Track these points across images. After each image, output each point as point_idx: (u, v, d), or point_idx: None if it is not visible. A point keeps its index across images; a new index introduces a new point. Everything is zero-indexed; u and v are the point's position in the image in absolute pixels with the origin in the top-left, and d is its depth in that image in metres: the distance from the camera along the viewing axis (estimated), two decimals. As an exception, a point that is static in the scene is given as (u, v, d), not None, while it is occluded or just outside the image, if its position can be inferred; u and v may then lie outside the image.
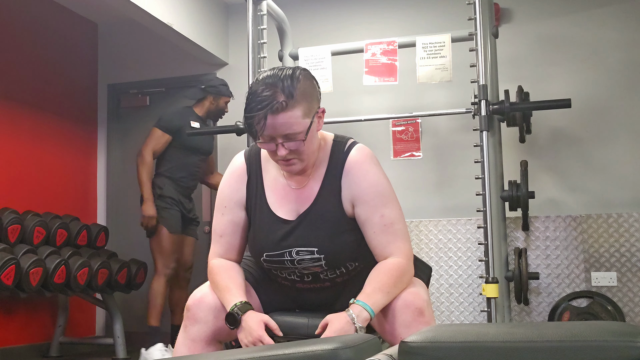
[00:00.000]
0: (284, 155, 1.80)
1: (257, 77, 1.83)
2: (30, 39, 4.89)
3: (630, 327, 1.26)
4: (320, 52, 4.06)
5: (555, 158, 4.44)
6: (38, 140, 4.88)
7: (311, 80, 1.85)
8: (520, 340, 1.18)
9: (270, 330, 1.80)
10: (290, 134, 1.77)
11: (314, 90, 1.85)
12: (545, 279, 4.26)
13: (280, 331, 1.81)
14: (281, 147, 1.79)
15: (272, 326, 1.81)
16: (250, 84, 1.84)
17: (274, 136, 1.77)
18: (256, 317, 1.81)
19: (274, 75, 1.79)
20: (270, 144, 1.80)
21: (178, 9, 4.60)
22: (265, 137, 1.78)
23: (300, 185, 1.93)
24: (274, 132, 1.76)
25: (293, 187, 1.93)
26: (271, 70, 1.83)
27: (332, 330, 1.71)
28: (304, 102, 1.78)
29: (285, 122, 1.75)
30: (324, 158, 1.93)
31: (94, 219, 5.39)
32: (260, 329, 1.78)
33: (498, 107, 3.54)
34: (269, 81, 1.78)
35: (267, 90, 1.76)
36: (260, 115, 1.74)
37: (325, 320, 1.76)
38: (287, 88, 1.76)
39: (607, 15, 4.44)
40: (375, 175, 1.90)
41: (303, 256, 1.89)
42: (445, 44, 3.80)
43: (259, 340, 1.76)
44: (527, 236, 4.32)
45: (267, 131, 1.76)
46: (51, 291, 4.17)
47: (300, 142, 1.79)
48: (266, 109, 1.73)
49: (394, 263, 1.83)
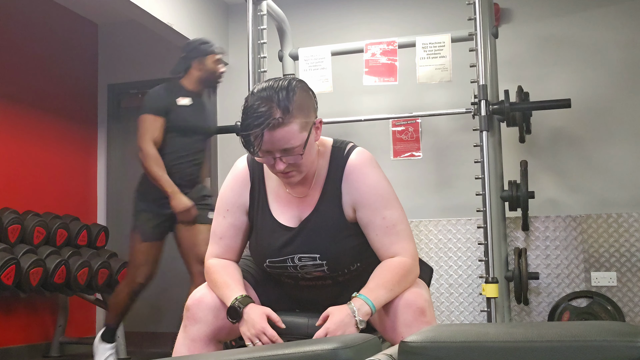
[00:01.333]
0: (282, 169, 1.80)
1: (252, 90, 1.82)
2: (31, 39, 4.89)
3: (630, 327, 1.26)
4: (320, 52, 4.06)
5: (555, 158, 4.44)
6: (38, 140, 4.88)
7: (307, 91, 1.84)
8: (520, 340, 1.18)
9: (272, 322, 1.80)
10: (288, 148, 1.77)
11: (310, 101, 1.84)
12: (545, 279, 4.26)
13: (282, 323, 1.81)
14: (279, 162, 1.79)
15: (274, 318, 1.81)
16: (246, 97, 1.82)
17: (272, 151, 1.78)
18: (258, 310, 1.81)
19: (269, 88, 1.78)
20: (268, 158, 1.80)
21: (178, 9, 4.60)
22: (263, 152, 1.78)
23: (301, 194, 1.94)
24: (271, 147, 1.76)
25: (294, 195, 1.94)
26: (267, 82, 1.81)
27: (332, 322, 1.72)
28: (301, 116, 1.77)
29: (282, 138, 1.74)
30: (324, 164, 1.93)
31: (94, 219, 5.39)
32: (262, 321, 1.78)
33: (498, 107, 3.54)
34: (264, 95, 1.76)
35: (263, 105, 1.74)
36: (257, 131, 1.73)
37: (327, 312, 1.76)
38: (282, 102, 1.74)
39: (607, 15, 4.44)
40: (375, 177, 1.91)
41: (305, 262, 1.90)
42: (445, 44, 3.80)
43: (262, 333, 1.76)
44: (527, 236, 4.32)
45: (264, 146, 1.76)
46: (51, 291, 4.18)
47: (298, 156, 1.79)
48: (263, 125, 1.72)
49: (399, 261, 1.84)
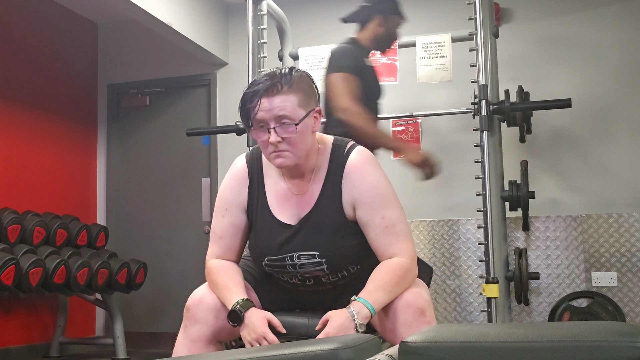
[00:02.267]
0: (275, 141, 1.80)
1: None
2: (30, 39, 4.89)
3: (630, 327, 1.26)
4: (320, 52, 4.06)
5: (555, 158, 4.44)
6: (38, 140, 4.88)
7: (311, 80, 1.90)
8: (520, 341, 1.18)
9: (273, 327, 1.80)
10: (283, 116, 1.79)
11: (312, 89, 1.89)
12: (545, 279, 4.26)
13: (283, 328, 1.81)
14: (273, 133, 1.81)
15: (275, 323, 1.81)
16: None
17: (267, 120, 1.80)
18: (259, 314, 1.81)
19: (274, 70, 1.87)
20: (262, 131, 1.82)
21: (178, 9, 4.60)
22: (258, 120, 1.81)
23: (301, 191, 1.93)
24: (267, 116, 1.79)
25: (294, 191, 1.94)
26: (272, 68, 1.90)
27: (332, 326, 1.71)
28: (300, 94, 1.83)
29: (279, 105, 1.79)
30: (324, 162, 1.93)
31: (94, 219, 5.39)
32: (263, 325, 1.78)
33: (498, 107, 3.54)
34: (269, 72, 1.86)
35: (265, 78, 1.83)
36: (256, 96, 1.80)
37: (326, 316, 1.76)
38: (285, 77, 1.82)
39: (607, 15, 4.44)
40: (375, 177, 1.90)
41: (304, 260, 1.90)
42: (446, 44, 3.79)
43: (263, 337, 1.76)
44: (527, 236, 4.32)
45: (260, 115, 1.80)
46: (51, 291, 4.17)
47: (293, 130, 1.80)
48: (262, 90, 1.80)
49: (397, 262, 1.83)
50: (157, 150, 5.41)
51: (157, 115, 5.47)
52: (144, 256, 4.92)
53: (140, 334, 5.20)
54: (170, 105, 5.43)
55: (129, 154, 5.49)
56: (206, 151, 5.25)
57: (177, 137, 5.27)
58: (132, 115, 5.57)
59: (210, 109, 5.26)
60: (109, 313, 4.60)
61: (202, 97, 5.35)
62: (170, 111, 5.43)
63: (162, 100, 5.48)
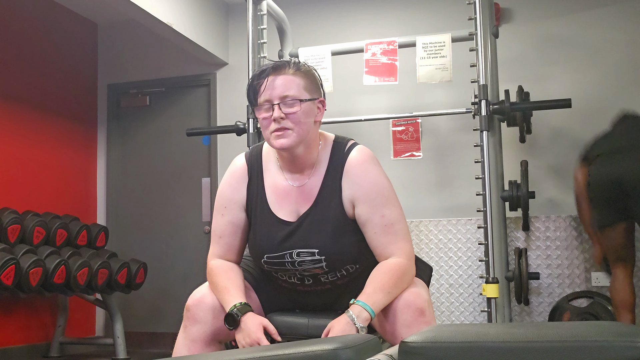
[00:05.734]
0: (279, 116, 1.83)
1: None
2: (30, 39, 4.89)
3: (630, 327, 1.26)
4: (320, 52, 4.06)
5: (555, 158, 4.43)
6: (38, 140, 4.88)
7: (316, 74, 1.96)
8: (520, 341, 1.18)
9: (268, 334, 1.80)
10: (288, 95, 1.84)
11: (317, 82, 1.94)
12: (545, 279, 4.26)
13: (278, 336, 1.81)
14: (277, 108, 1.84)
15: (270, 330, 1.81)
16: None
17: (272, 97, 1.85)
18: (255, 320, 1.80)
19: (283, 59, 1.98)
20: (266, 110, 1.86)
21: (178, 9, 4.60)
22: (263, 100, 1.86)
23: (300, 183, 1.93)
24: (273, 93, 1.85)
25: (293, 185, 1.93)
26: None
27: (334, 334, 1.72)
28: (307, 80, 1.89)
29: (285, 84, 1.85)
30: (325, 158, 1.93)
31: (94, 219, 5.39)
32: (259, 331, 1.78)
33: (498, 107, 3.54)
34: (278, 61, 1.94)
35: (275, 61, 1.93)
36: (264, 73, 1.87)
37: (328, 327, 1.76)
38: (293, 63, 1.91)
39: (607, 15, 4.44)
40: (375, 175, 1.90)
41: (304, 257, 1.89)
42: (446, 44, 3.79)
43: (257, 343, 1.76)
44: (528, 236, 4.32)
45: (266, 92, 1.85)
46: (51, 291, 4.17)
47: (297, 105, 1.84)
48: (270, 69, 1.88)
49: (395, 263, 1.83)
50: (157, 150, 5.41)
51: (157, 115, 5.47)
52: (144, 256, 4.92)
53: (140, 334, 5.20)
54: (170, 105, 5.43)
55: (129, 154, 5.49)
56: (206, 151, 5.25)
57: (177, 137, 5.27)
58: (132, 115, 5.57)
59: (210, 109, 5.26)
60: (109, 313, 4.60)
61: (202, 97, 5.35)
62: (170, 111, 5.43)
63: (162, 100, 5.48)
